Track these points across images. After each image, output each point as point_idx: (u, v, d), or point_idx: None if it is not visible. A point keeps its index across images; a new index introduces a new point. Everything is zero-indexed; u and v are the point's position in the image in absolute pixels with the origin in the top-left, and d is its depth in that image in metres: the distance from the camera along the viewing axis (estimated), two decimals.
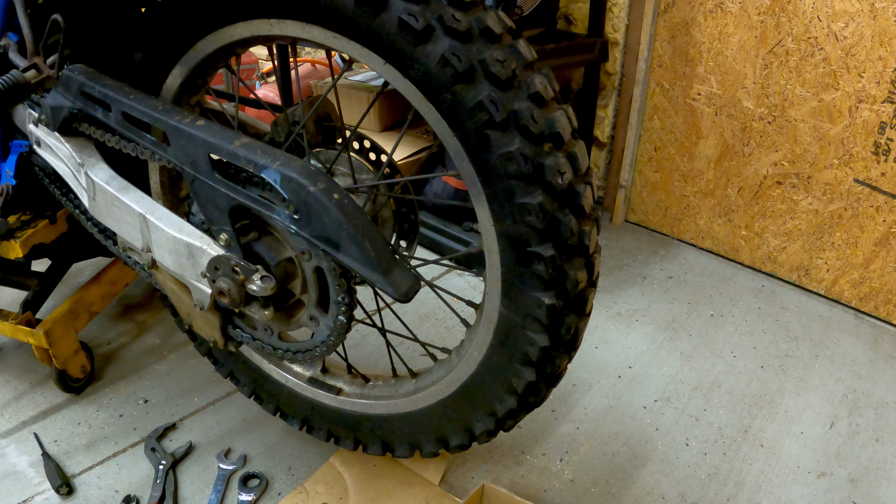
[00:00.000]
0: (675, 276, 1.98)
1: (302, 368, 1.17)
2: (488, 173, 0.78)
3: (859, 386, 1.54)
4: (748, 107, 1.86)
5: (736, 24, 1.81)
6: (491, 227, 0.81)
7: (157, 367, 1.52)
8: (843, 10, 1.60)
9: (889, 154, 1.65)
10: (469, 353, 0.94)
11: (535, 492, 1.22)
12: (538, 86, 0.77)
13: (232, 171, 0.86)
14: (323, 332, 0.93)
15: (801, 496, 1.24)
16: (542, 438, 1.35)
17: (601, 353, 1.62)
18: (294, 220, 0.81)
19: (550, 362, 0.88)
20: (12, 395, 1.43)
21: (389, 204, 1.04)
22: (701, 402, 1.47)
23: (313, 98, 1.02)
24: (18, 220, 1.27)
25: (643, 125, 2.14)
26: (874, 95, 1.62)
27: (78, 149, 1.03)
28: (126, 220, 0.98)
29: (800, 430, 1.40)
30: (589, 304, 0.88)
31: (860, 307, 1.84)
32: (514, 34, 0.79)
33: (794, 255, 1.92)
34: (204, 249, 0.90)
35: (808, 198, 1.83)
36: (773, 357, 1.63)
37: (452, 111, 0.76)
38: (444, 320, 1.71)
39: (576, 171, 0.80)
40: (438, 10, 0.73)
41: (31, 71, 1.05)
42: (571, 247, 0.81)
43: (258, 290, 0.87)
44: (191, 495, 1.18)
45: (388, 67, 0.78)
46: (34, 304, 1.37)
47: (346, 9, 0.76)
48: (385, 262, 0.80)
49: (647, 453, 1.32)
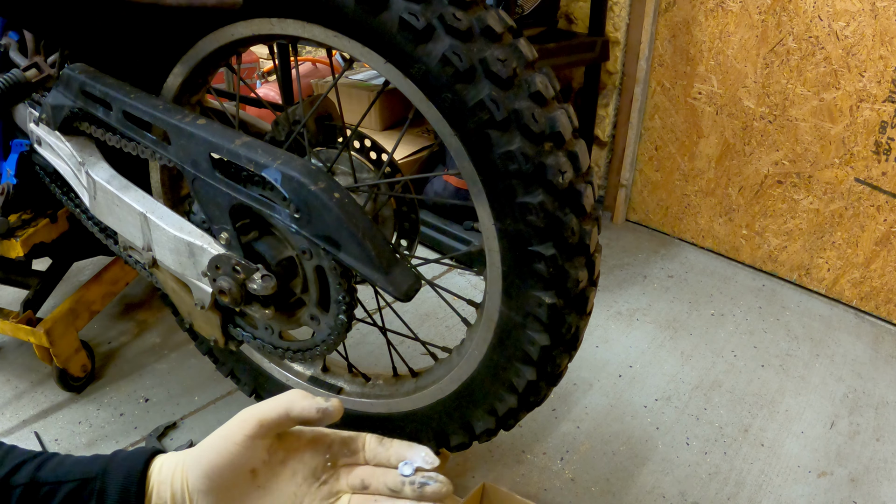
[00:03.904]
0: (675, 275, 1.98)
1: (303, 367, 1.17)
2: (489, 172, 0.78)
3: (860, 385, 1.54)
4: (749, 106, 1.86)
5: (737, 23, 1.80)
6: (492, 225, 0.81)
7: (158, 365, 1.52)
8: (844, 9, 1.60)
9: (890, 153, 1.64)
10: (470, 351, 0.94)
11: (535, 491, 1.22)
12: (539, 85, 0.77)
13: (233, 170, 0.86)
14: (324, 331, 0.93)
15: (802, 495, 1.24)
16: (542, 437, 1.35)
17: (602, 352, 1.62)
18: (295, 219, 0.81)
19: (551, 361, 0.88)
20: (13, 393, 1.43)
21: (390, 203, 1.04)
22: (701, 401, 1.47)
23: (314, 97, 1.02)
24: (19, 219, 1.27)
25: (644, 124, 2.14)
26: (875, 95, 1.62)
27: (79, 148, 1.03)
28: (127, 219, 0.98)
29: (800, 430, 1.40)
30: (590, 304, 0.87)
31: (861, 306, 1.84)
32: (515, 33, 0.79)
33: (794, 255, 1.92)
34: (205, 248, 0.90)
35: (808, 197, 1.83)
36: (773, 356, 1.63)
37: (453, 110, 0.76)
38: (445, 319, 1.71)
39: (577, 171, 0.80)
40: (439, 9, 0.73)
41: (32, 70, 1.05)
42: (572, 246, 0.81)
43: (259, 289, 0.87)
44: None
45: (389, 66, 0.78)
46: (35, 302, 1.37)
47: (347, 8, 0.76)
48: (386, 261, 0.80)
49: (648, 452, 1.32)
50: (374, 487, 0.57)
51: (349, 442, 0.58)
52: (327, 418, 0.55)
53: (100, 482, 0.53)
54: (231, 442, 0.53)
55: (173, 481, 0.54)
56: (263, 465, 0.55)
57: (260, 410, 0.54)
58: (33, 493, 0.52)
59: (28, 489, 0.52)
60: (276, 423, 0.54)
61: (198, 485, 0.53)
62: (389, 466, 0.57)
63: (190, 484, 0.53)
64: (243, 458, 0.54)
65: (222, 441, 0.54)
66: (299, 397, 0.55)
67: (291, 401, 0.54)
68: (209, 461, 0.53)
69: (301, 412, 0.54)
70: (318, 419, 0.55)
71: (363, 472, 0.58)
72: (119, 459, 0.55)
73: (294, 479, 0.57)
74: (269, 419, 0.54)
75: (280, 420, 0.54)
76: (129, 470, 0.54)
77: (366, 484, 0.57)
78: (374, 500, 0.57)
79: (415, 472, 0.56)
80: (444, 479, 0.56)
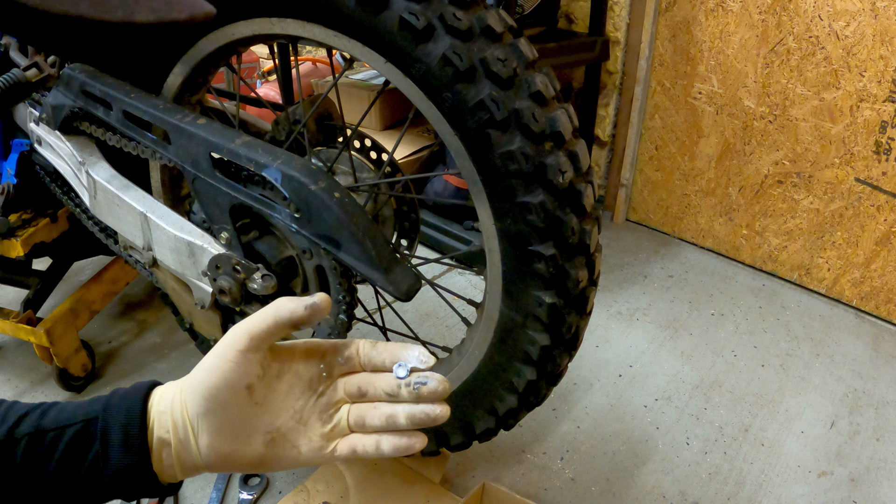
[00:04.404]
0: (675, 275, 1.98)
1: None
2: (489, 172, 0.78)
3: (860, 385, 1.54)
4: (749, 106, 1.86)
5: (737, 23, 1.80)
6: (492, 225, 0.81)
7: (158, 365, 1.52)
8: (845, 9, 1.60)
9: (890, 153, 1.64)
10: (470, 351, 0.94)
11: (535, 490, 1.22)
12: (539, 85, 0.77)
13: (233, 170, 0.86)
14: (323, 330, 0.93)
15: (802, 495, 1.24)
16: (542, 437, 1.35)
17: (602, 351, 1.62)
18: (295, 218, 0.81)
19: (551, 361, 0.88)
20: (13, 393, 1.43)
21: (390, 203, 1.04)
22: (701, 401, 1.47)
23: (314, 97, 1.02)
24: (19, 218, 1.27)
25: (644, 124, 2.14)
26: (875, 94, 1.62)
27: (79, 147, 1.03)
28: (127, 219, 0.98)
29: (800, 430, 1.40)
30: (590, 303, 0.88)
31: (861, 306, 1.84)
32: (515, 33, 0.79)
33: (794, 255, 1.92)
34: (205, 248, 0.90)
35: (808, 197, 1.83)
36: (773, 356, 1.63)
37: (453, 110, 0.76)
38: (445, 319, 1.71)
39: (577, 170, 0.80)
40: (439, 9, 0.73)
41: (32, 70, 1.05)
42: (572, 246, 0.81)
43: (259, 289, 0.87)
44: (191, 493, 1.19)
45: (389, 66, 0.78)
46: (35, 302, 1.37)
47: (347, 7, 0.76)
48: (386, 260, 0.80)
49: (648, 452, 1.32)
50: (371, 394, 0.56)
51: (342, 349, 0.57)
52: (317, 313, 0.54)
53: (102, 422, 0.53)
54: (224, 360, 0.53)
55: (173, 410, 0.54)
56: (259, 381, 0.54)
57: (249, 323, 0.54)
58: (38, 441, 0.52)
59: (33, 438, 0.52)
60: (266, 332, 0.53)
61: (196, 408, 0.53)
62: (385, 370, 0.56)
63: (189, 409, 0.53)
64: (238, 375, 0.53)
65: (216, 360, 0.54)
66: (284, 301, 0.54)
67: (277, 306, 0.54)
68: (204, 382, 0.53)
69: (289, 314, 0.53)
70: (308, 316, 0.54)
71: (359, 378, 0.57)
72: (118, 397, 0.55)
73: (291, 392, 0.56)
74: (258, 330, 0.53)
75: (270, 329, 0.53)
76: (129, 406, 0.54)
77: (363, 391, 0.56)
78: (372, 406, 0.56)
79: (410, 372, 0.55)
80: (441, 377, 0.54)
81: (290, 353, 0.57)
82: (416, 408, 0.54)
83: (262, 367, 0.54)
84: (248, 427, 0.54)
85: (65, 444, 0.52)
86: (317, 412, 0.56)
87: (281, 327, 0.54)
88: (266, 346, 0.54)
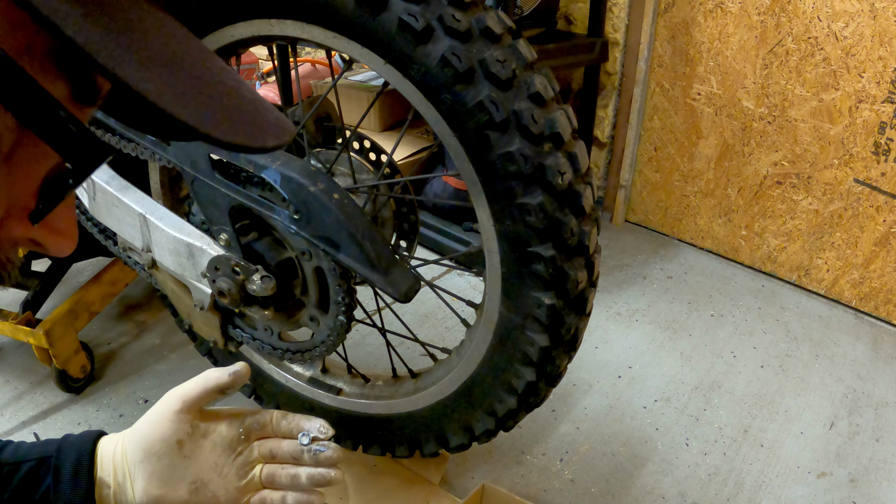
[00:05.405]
0: (675, 276, 1.98)
1: (302, 368, 1.17)
2: (488, 173, 0.78)
3: (859, 386, 1.54)
4: (748, 107, 1.86)
5: (736, 24, 1.81)
6: (491, 227, 0.81)
7: (158, 366, 1.52)
8: (844, 10, 1.60)
9: (889, 154, 1.65)
10: (469, 352, 0.94)
11: (535, 492, 1.22)
12: (538, 86, 0.77)
13: (232, 171, 0.86)
14: (323, 332, 0.93)
15: (801, 496, 1.24)
16: (542, 438, 1.35)
17: (601, 353, 1.62)
18: (294, 220, 0.81)
19: (550, 362, 0.88)
20: (12, 394, 1.43)
21: (389, 204, 1.04)
22: (701, 402, 1.47)
23: (313, 98, 1.02)
24: None
25: (643, 125, 2.15)
26: (874, 95, 1.62)
27: None
28: (126, 220, 0.98)
29: (800, 430, 1.40)
30: (589, 304, 0.88)
31: (860, 307, 1.84)
32: (515, 34, 0.79)
33: (794, 255, 1.92)
34: (204, 249, 0.90)
35: (808, 198, 1.84)
36: (773, 357, 1.63)
37: (452, 111, 0.76)
38: (444, 320, 1.71)
39: (576, 171, 0.80)
40: (439, 10, 0.73)
41: None
42: (571, 247, 0.81)
43: (258, 290, 0.87)
44: None
45: (388, 67, 0.78)
46: (34, 304, 1.37)
47: (346, 9, 0.76)
48: (385, 262, 0.80)
49: (647, 453, 1.32)
50: (280, 457, 0.68)
51: (259, 417, 0.68)
52: (239, 379, 0.66)
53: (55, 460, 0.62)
54: (161, 417, 0.64)
55: (115, 456, 0.63)
56: (188, 438, 0.64)
57: (183, 389, 0.66)
58: None
59: None
60: (197, 397, 0.65)
61: (135, 457, 0.63)
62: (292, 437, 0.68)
63: (129, 456, 0.63)
64: (171, 431, 0.64)
65: (155, 416, 0.65)
66: (212, 371, 0.66)
67: (206, 375, 0.66)
68: (143, 435, 0.64)
69: (216, 381, 0.65)
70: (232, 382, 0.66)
71: (271, 443, 0.68)
72: (70, 441, 0.64)
73: (214, 450, 0.66)
74: (190, 395, 0.65)
75: (200, 394, 0.65)
76: (80, 448, 0.63)
77: (273, 453, 0.68)
78: (281, 467, 0.67)
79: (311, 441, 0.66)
80: (336, 446, 0.67)
81: (215, 417, 0.68)
82: (315, 471, 0.66)
83: (192, 427, 0.65)
84: (177, 476, 0.64)
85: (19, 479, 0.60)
86: (235, 468, 0.67)
87: (210, 392, 0.65)
88: (196, 409, 0.65)
